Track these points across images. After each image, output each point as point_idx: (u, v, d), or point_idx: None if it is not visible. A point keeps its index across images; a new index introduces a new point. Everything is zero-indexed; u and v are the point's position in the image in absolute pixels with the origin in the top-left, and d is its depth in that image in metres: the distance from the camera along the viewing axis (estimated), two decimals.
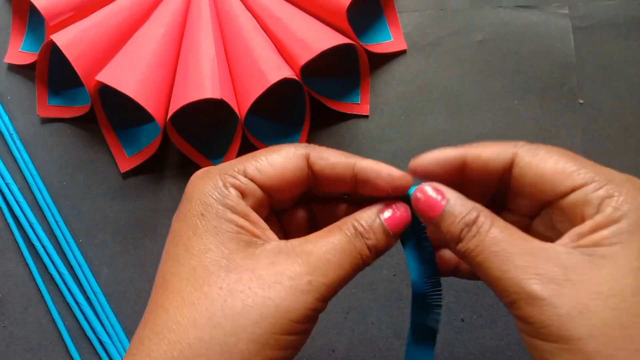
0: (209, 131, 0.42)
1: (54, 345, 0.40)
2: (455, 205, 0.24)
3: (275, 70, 0.38)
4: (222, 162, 0.41)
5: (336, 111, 0.42)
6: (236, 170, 0.25)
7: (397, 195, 0.25)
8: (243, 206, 0.24)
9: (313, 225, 0.29)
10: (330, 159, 0.25)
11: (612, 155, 0.41)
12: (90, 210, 0.41)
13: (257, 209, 0.25)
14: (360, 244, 0.24)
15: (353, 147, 0.42)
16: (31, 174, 0.42)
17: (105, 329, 0.39)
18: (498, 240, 0.22)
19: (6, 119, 0.42)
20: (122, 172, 0.42)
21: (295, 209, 0.28)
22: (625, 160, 0.41)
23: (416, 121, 0.42)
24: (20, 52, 0.43)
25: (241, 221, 0.24)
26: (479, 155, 0.25)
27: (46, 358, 0.40)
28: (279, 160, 0.25)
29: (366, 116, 0.42)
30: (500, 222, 0.23)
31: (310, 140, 0.42)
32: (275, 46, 0.40)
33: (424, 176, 0.25)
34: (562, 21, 0.43)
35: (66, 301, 0.40)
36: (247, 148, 0.41)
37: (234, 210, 0.24)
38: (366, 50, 0.41)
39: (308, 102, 0.41)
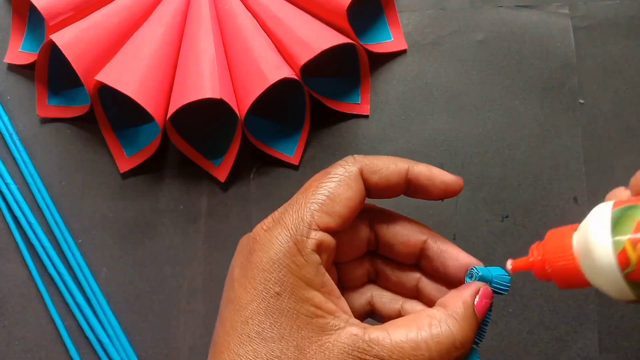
0: (209, 131, 0.42)
1: (53, 345, 0.40)
2: None
3: (275, 70, 0.38)
4: (221, 162, 0.41)
5: (336, 111, 0.42)
6: (307, 224, 0.23)
7: (448, 197, 0.25)
8: (320, 275, 0.22)
9: (372, 274, 0.28)
10: (384, 171, 0.24)
11: (612, 155, 0.41)
12: (89, 210, 0.41)
13: (329, 262, 0.23)
14: (453, 354, 0.22)
15: (353, 147, 0.42)
16: (31, 174, 0.41)
17: (104, 329, 0.39)
18: None
19: (6, 119, 0.42)
20: (121, 172, 0.41)
21: (356, 264, 0.27)
22: (625, 161, 0.41)
23: (416, 121, 0.42)
24: (20, 52, 0.43)
25: (317, 298, 0.22)
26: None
27: (46, 358, 0.40)
28: (340, 191, 0.23)
29: (366, 116, 0.42)
30: None
31: (310, 140, 0.42)
32: (275, 46, 0.40)
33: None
34: (562, 21, 0.43)
35: (66, 301, 0.40)
36: (247, 148, 0.41)
37: (311, 284, 0.22)
38: (366, 50, 0.41)
39: (308, 102, 0.41)
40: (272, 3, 0.41)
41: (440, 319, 0.22)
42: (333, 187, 0.23)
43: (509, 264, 0.24)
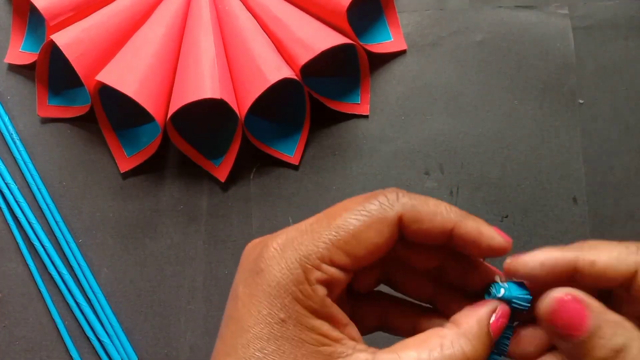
0: (209, 131, 0.42)
1: (54, 345, 0.40)
2: (601, 322, 0.20)
3: (275, 71, 0.38)
4: (222, 162, 0.41)
5: (336, 111, 0.42)
6: (320, 255, 0.21)
7: (490, 257, 0.23)
8: (327, 307, 0.21)
9: (384, 317, 0.26)
10: (426, 223, 0.22)
11: (612, 155, 0.41)
12: (90, 210, 0.41)
13: (338, 296, 0.22)
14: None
15: (353, 147, 0.42)
16: (31, 174, 0.42)
17: (105, 329, 0.39)
18: None
19: (6, 119, 0.42)
20: (122, 172, 0.42)
21: (369, 294, 0.26)
22: (625, 161, 0.41)
23: (416, 121, 0.42)
24: (21, 52, 0.43)
25: (325, 328, 0.21)
26: (594, 263, 0.21)
27: (46, 358, 0.40)
28: (369, 235, 0.21)
29: (366, 116, 0.42)
30: None
31: (310, 140, 0.42)
32: (275, 46, 0.40)
33: (524, 279, 0.22)
34: (561, 21, 0.43)
35: (66, 301, 0.40)
36: (247, 148, 0.41)
37: (316, 314, 0.21)
38: (366, 50, 0.41)
39: (308, 102, 0.41)
40: (272, 3, 0.41)
41: (452, 340, 0.21)
42: (361, 226, 0.21)
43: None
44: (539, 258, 0.21)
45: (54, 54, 0.41)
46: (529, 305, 0.23)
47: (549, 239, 0.40)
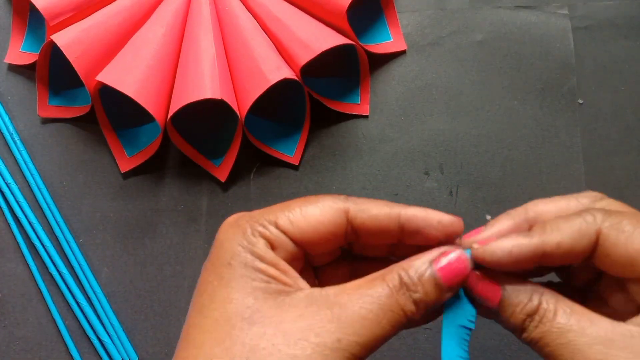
0: (209, 131, 0.42)
1: (54, 345, 0.40)
2: (513, 293, 0.22)
3: (275, 71, 0.38)
4: (222, 162, 0.41)
5: (336, 111, 0.42)
6: (267, 220, 0.23)
7: (449, 242, 0.23)
8: (272, 256, 0.23)
9: (352, 275, 0.26)
10: (372, 210, 0.23)
11: (612, 155, 0.41)
12: (90, 210, 0.41)
13: (289, 261, 0.23)
14: (404, 298, 0.21)
15: (353, 147, 0.42)
16: (31, 174, 0.42)
17: (105, 329, 0.39)
18: (565, 329, 0.20)
19: (6, 119, 0.42)
20: (122, 172, 0.42)
21: (335, 266, 0.26)
22: (625, 160, 0.41)
23: (416, 121, 0.42)
24: (21, 52, 0.43)
25: (271, 270, 0.22)
26: (559, 244, 0.21)
27: (46, 358, 0.40)
28: (315, 214, 0.23)
29: (366, 116, 0.42)
30: (565, 306, 0.21)
31: (310, 140, 0.42)
32: (275, 46, 0.40)
33: (492, 267, 0.22)
34: (561, 21, 0.43)
35: (66, 301, 0.40)
36: (247, 148, 0.41)
37: (263, 259, 0.22)
38: (366, 51, 0.41)
39: (308, 102, 0.41)
40: (272, 3, 0.41)
41: (392, 269, 0.22)
42: (310, 208, 0.23)
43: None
44: (507, 247, 0.22)
45: (54, 54, 0.41)
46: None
47: None
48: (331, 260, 0.26)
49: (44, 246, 0.40)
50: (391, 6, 0.43)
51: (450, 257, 0.22)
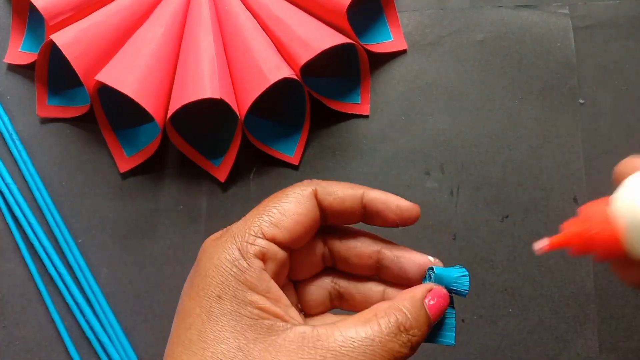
0: (209, 131, 0.42)
1: (53, 345, 0.40)
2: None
3: (275, 70, 0.38)
4: (222, 162, 0.41)
5: (336, 111, 0.42)
6: (253, 233, 0.23)
7: (405, 226, 0.25)
8: (264, 280, 0.22)
9: (335, 296, 0.27)
10: (338, 192, 0.24)
11: (612, 155, 0.41)
12: (89, 210, 0.41)
13: (277, 273, 0.23)
14: (400, 342, 0.21)
15: (353, 147, 0.42)
16: (31, 174, 0.41)
17: (104, 329, 0.39)
18: None
19: (6, 119, 0.42)
20: (121, 172, 0.41)
21: (315, 281, 0.26)
22: None
23: (416, 121, 0.42)
24: (20, 51, 0.43)
25: (262, 302, 0.22)
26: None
27: (46, 358, 0.40)
28: (291, 207, 0.23)
29: (366, 116, 0.42)
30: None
31: (310, 140, 0.42)
32: (275, 46, 0.40)
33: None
34: (562, 21, 0.43)
35: (66, 301, 0.40)
36: (247, 148, 0.41)
37: (254, 288, 0.22)
38: (366, 50, 0.41)
39: (308, 102, 0.41)
40: (272, 3, 0.41)
41: (386, 310, 0.22)
42: (284, 204, 0.24)
43: (542, 243, 0.23)
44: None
45: (53, 54, 0.41)
46: (468, 286, 0.24)
47: None
48: (313, 274, 0.26)
49: (43, 246, 0.40)
50: (392, 5, 0.43)
51: (438, 294, 0.23)
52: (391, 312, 0.22)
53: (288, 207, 0.23)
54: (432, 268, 0.24)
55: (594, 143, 0.41)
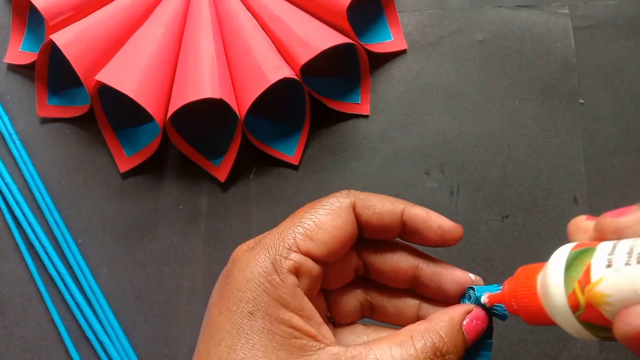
0: (209, 131, 0.42)
1: (53, 345, 0.40)
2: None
3: (275, 70, 0.38)
4: (221, 162, 0.41)
5: (336, 111, 0.42)
6: (287, 246, 0.22)
7: (445, 246, 0.24)
8: (298, 297, 0.21)
9: (366, 307, 0.26)
10: (377, 207, 0.23)
11: (613, 155, 0.41)
12: (89, 210, 0.41)
13: (311, 289, 0.22)
14: None
15: (353, 147, 0.42)
16: (30, 174, 0.41)
17: (104, 329, 0.39)
18: None
19: (6, 119, 0.42)
20: (121, 172, 0.41)
21: (347, 291, 0.26)
22: (625, 160, 0.41)
23: (416, 121, 0.42)
24: (20, 51, 0.43)
25: (295, 320, 0.21)
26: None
27: (46, 358, 0.40)
28: (328, 219, 0.22)
29: (366, 116, 0.42)
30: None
31: (310, 140, 0.42)
32: (275, 46, 0.40)
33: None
34: (562, 21, 0.43)
35: (65, 301, 0.40)
36: (247, 148, 0.41)
37: (287, 306, 0.21)
38: (366, 50, 0.41)
39: (308, 102, 0.41)
40: (272, 3, 0.41)
41: (422, 332, 0.21)
42: (321, 215, 0.23)
43: (485, 297, 0.23)
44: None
45: (53, 54, 0.41)
46: (508, 314, 0.23)
47: (550, 239, 0.40)
48: (345, 283, 0.25)
49: (43, 246, 0.40)
50: (392, 5, 0.43)
51: (477, 317, 0.22)
52: (427, 335, 0.21)
53: (325, 220, 0.22)
54: (472, 287, 0.23)
55: (594, 143, 0.41)
